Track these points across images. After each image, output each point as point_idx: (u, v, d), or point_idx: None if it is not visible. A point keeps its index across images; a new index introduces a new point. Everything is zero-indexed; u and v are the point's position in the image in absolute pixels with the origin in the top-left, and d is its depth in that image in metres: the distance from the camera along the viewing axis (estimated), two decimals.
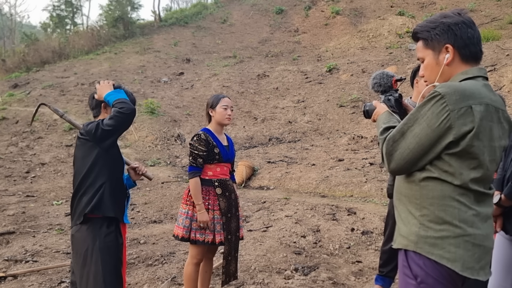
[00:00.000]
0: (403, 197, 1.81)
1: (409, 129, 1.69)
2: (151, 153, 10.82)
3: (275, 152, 10.07)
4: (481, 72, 1.76)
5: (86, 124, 2.52)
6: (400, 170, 1.74)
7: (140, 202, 7.25)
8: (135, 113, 2.50)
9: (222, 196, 3.23)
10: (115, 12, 23.70)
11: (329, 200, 6.82)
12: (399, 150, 1.70)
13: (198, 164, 3.18)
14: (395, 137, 1.72)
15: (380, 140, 1.80)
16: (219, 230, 3.19)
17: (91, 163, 2.46)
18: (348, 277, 4.11)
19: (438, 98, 1.64)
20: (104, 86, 2.58)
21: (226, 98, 3.34)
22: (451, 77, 1.80)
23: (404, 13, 17.85)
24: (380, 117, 1.94)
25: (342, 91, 12.86)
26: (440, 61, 1.80)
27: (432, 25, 1.80)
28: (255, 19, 23.04)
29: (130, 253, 4.74)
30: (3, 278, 4.22)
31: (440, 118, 1.63)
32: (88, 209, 2.43)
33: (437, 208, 1.69)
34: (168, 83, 16.03)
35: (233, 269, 3.34)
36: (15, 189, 8.44)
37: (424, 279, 1.68)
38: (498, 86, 9.91)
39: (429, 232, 1.68)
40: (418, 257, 1.70)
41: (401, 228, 1.79)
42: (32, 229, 5.94)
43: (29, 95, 14.50)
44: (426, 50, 1.84)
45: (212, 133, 3.29)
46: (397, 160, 1.71)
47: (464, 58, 1.77)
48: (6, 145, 11.15)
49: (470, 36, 1.75)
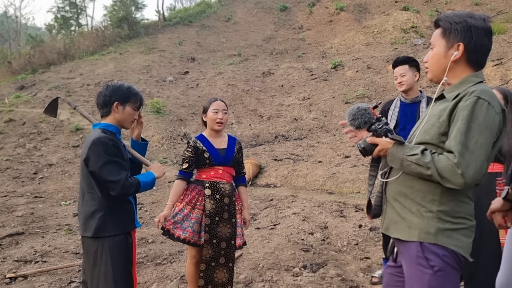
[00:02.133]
0: (416, 191, 1.86)
1: (473, 141, 1.69)
2: (158, 153, 10.85)
3: (281, 150, 10.06)
4: (484, 77, 1.88)
5: (96, 155, 2.39)
6: (474, 183, 1.74)
7: (148, 202, 7.28)
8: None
9: (210, 197, 3.17)
10: (119, 13, 23.73)
11: (336, 197, 6.80)
12: (471, 165, 1.68)
13: (183, 168, 3.22)
14: (463, 154, 1.69)
15: (427, 164, 1.74)
16: (196, 230, 3.14)
17: (95, 185, 2.44)
18: (357, 273, 4.11)
19: (486, 105, 1.71)
20: (160, 170, 2.65)
21: (217, 101, 3.27)
22: (453, 75, 1.87)
23: (409, 8, 17.72)
24: (395, 150, 1.87)
25: (348, 87, 12.81)
26: (448, 55, 1.86)
27: (457, 19, 1.85)
28: (259, 16, 22.99)
29: (139, 252, 4.76)
30: (13, 278, 4.26)
31: (496, 123, 1.72)
32: (92, 233, 2.42)
33: (455, 204, 1.82)
34: (173, 82, 16.05)
35: (223, 279, 3.16)
36: (23, 190, 8.50)
37: (441, 268, 1.79)
38: (505, 80, 9.83)
39: (446, 225, 1.81)
40: (436, 248, 1.80)
41: (413, 221, 1.85)
42: (41, 229, 5.98)
43: (35, 96, 14.57)
44: (441, 39, 1.89)
45: (205, 138, 3.28)
46: (472, 174, 1.68)
47: (470, 61, 1.85)
48: (13, 147, 11.22)
49: (484, 44, 1.83)
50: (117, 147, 2.44)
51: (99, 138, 2.40)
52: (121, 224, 2.48)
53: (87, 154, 2.40)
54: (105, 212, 2.42)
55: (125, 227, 2.50)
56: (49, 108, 2.93)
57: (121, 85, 2.58)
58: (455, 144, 1.71)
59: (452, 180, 1.71)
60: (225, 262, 3.17)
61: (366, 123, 2.04)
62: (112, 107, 2.53)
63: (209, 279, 3.14)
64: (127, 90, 2.57)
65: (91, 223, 2.42)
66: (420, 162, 1.76)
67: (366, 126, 2.05)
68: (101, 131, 2.47)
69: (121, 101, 2.53)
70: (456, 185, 1.72)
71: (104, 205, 2.43)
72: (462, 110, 1.74)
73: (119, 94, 2.53)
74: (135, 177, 2.47)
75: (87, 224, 2.44)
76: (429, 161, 1.74)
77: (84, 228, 2.46)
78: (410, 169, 1.82)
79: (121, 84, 2.60)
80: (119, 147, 2.46)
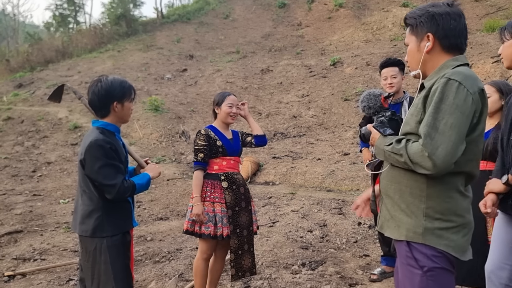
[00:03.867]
0: (404, 187, 1.82)
1: (442, 122, 1.64)
2: (156, 150, 10.83)
3: (280, 147, 10.05)
4: (467, 61, 1.84)
5: (93, 157, 2.37)
6: (447, 167, 1.65)
7: (146, 200, 7.27)
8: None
9: (228, 189, 3.24)
10: (118, 10, 23.69)
11: (335, 195, 6.80)
12: (441, 146, 1.62)
13: (199, 159, 3.23)
14: (430, 134, 1.65)
15: (399, 150, 1.73)
16: (226, 223, 3.19)
17: (91, 186, 2.43)
18: (356, 271, 4.10)
19: (457, 85, 1.66)
20: (155, 171, 2.66)
21: (232, 96, 3.36)
22: (432, 65, 1.86)
23: (408, 5, 17.67)
24: (379, 141, 1.89)
25: (347, 84, 12.79)
26: (421, 48, 1.86)
27: (419, 13, 1.86)
28: (258, 13, 22.93)
29: (137, 250, 4.75)
30: (12, 276, 4.25)
31: (468, 104, 1.65)
32: (89, 233, 2.42)
33: (443, 200, 1.74)
34: (171, 80, 16.02)
35: (248, 264, 3.33)
36: (22, 188, 8.48)
37: (431, 268, 1.74)
38: (505, 77, 9.81)
39: (435, 223, 1.74)
40: (424, 248, 1.74)
41: (402, 219, 1.81)
42: (40, 227, 5.97)
43: (33, 94, 14.55)
44: (411, 36, 1.92)
45: (215, 128, 3.34)
46: (442, 156, 1.62)
47: (445, 48, 1.84)
48: (12, 145, 11.20)
49: (452, 27, 1.81)
50: (114, 150, 2.40)
51: (96, 141, 2.36)
52: (118, 224, 2.47)
53: (84, 156, 2.38)
54: (102, 212, 2.42)
55: (122, 227, 2.49)
56: (54, 95, 2.90)
57: (113, 83, 2.46)
58: (423, 126, 1.69)
59: (422, 164, 1.65)
60: (248, 248, 3.31)
61: (370, 108, 2.04)
62: (111, 107, 2.48)
63: (238, 267, 3.28)
64: (121, 86, 2.48)
65: (88, 223, 2.41)
66: (394, 150, 1.75)
67: (370, 111, 2.05)
68: (99, 132, 2.43)
69: (119, 99, 2.48)
70: (427, 169, 1.64)
71: (101, 205, 2.42)
72: (433, 94, 1.71)
73: (115, 93, 2.45)
74: (130, 180, 2.46)
75: (84, 223, 2.43)
76: (401, 148, 1.73)
77: (81, 227, 2.45)
78: (390, 159, 1.81)
79: (112, 81, 2.47)
80: (116, 150, 2.42)
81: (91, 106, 2.53)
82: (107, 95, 2.45)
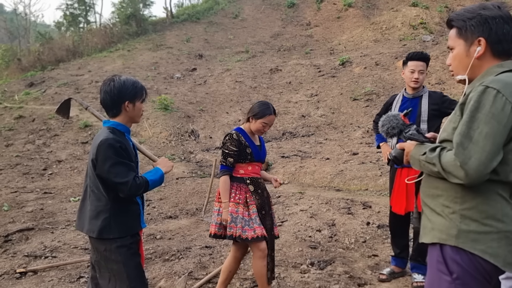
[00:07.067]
0: (440, 191, 1.75)
1: (476, 132, 1.58)
2: (165, 149, 10.89)
3: (289, 147, 10.05)
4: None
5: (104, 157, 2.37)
6: (480, 177, 1.58)
7: (156, 198, 7.31)
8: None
9: (254, 193, 3.28)
10: (128, 10, 23.83)
11: (344, 194, 6.78)
12: (474, 156, 1.56)
13: (228, 164, 3.24)
14: (463, 144, 1.59)
15: (432, 159, 1.69)
16: (259, 223, 3.22)
17: (101, 186, 2.43)
18: (365, 271, 4.10)
19: (495, 93, 1.58)
20: (167, 164, 2.65)
21: (271, 116, 3.31)
22: (480, 70, 1.76)
23: (417, 4, 17.56)
24: (414, 151, 1.83)
25: (356, 84, 12.75)
26: (470, 53, 1.76)
27: (469, 15, 1.75)
28: (267, 13, 22.93)
29: (147, 249, 4.78)
30: (23, 273, 4.30)
31: (507, 112, 1.57)
32: (96, 235, 2.42)
33: (481, 202, 1.65)
34: (181, 79, 16.08)
35: (270, 268, 3.34)
36: (33, 186, 8.58)
37: (460, 275, 1.64)
38: None
39: (472, 226, 1.65)
40: (455, 252, 1.66)
41: (436, 221, 1.75)
42: (51, 225, 6.04)
43: (44, 93, 14.69)
44: (458, 40, 1.80)
45: (245, 133, 3.34)
46: (475, 166, 1.56)
47: (496, 53, 1.74)
48: (23, 143, 11.32)
49: (506, 32, 1.71)
50: (124, 149, 2.41)
51: (107, 140, 2.37)
52: (125, 227, 2.46)
53: (95, 155, 2.39)
54: (110, 214, 2.41)
55: (130, 229, 2.49)
56: (61, 109, 2.94)
57: (125, 83, 2.48)
58: (456, 135, 1.63)
59: (454, 174, 1.60)
60: (269, 252, 3.34)
61: (394, 128, 2.02)
62: (123, 107, 2.49)
63: (271, 268, 3.35)
64: (133, 86, 2.50)
65: (95, 224, 2.42)
66: (428, 160, 1.70)
67: (394, 132, 2.03)
68: (110, 131, 2.44)
69: (131, 99, 2.49)
70: (459, 178, 1.60)
71: (109, 207, 2.41)
72: (469, 102, 1.64)
73: (127, 93, 2.47)
74: (143, 176, 2.45)
75: (92, 224, 2.43)
76: (434, 156, 1.68)
77: (88, 228, 2.45)
78: (424, 169, 1.76)
79: (124, 81, 2.49)
80: (126, 149, 2.43)
81: (103, 105, 2.54)
82: (119, 95, 2.46)
